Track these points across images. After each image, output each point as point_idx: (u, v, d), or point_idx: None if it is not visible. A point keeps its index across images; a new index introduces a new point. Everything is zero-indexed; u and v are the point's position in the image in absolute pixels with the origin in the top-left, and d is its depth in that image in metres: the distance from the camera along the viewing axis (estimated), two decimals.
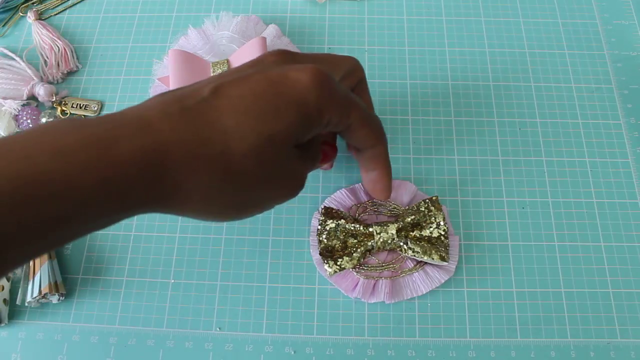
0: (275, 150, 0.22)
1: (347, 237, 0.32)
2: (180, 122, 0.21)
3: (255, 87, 0.22)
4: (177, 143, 0.20)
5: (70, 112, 0.39)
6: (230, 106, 0.21)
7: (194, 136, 0.21)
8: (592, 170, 0.36)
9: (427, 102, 0.39)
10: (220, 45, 0.39)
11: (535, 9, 0.42)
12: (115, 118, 0.20)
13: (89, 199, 0.18)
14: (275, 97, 0.22)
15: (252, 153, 0.21)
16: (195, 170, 0.21)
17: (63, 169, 0.18)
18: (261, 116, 0.22)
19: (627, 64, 0.40)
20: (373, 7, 0.43)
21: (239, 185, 0.22)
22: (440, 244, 0.32)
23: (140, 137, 0.20)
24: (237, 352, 0.31)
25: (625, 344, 0.31)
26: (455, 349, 0.31)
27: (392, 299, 0.32)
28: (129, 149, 0.19)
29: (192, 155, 0.20)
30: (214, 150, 0.21)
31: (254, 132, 0.21)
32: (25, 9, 0.43)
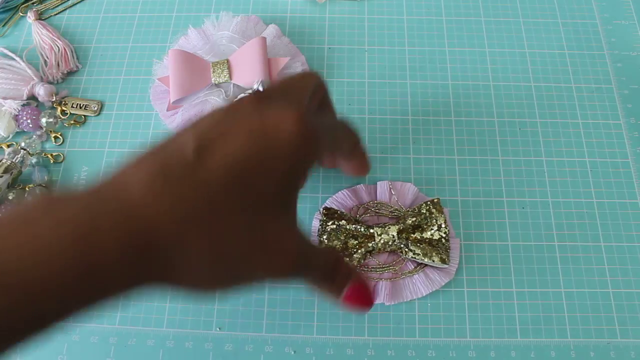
0: (266, 216, 0.21)
1: (348, 238, 0.32)
2: (166, 198, 0.19)
3: (240, 142, 0.21)
4: (164, 223, 0.19)
5: (70, 112, 0.39)
6: (215, 175, 0.20)
7: (182, 212, 0.19)
8: (592, 170, 0.36)
9: (427, 102, 0.39)
10: (220, 45, 0.39)
11: (535, 9, 0.42)
12: (93, 198, 0.19)
13: (71, 296, 0.17)
14: (263, 152, 0.21)
15: (244, 222, 0.20)
16: (189, 248, 0.19)
17: (40, 267, 0.16)
18: (248, 178, 0.20)
19: (627, 64, 0.40)
20: (373, 7, 0.43)
21: (233, 260, 0.21)
22: (441, 246, 0.32)
23: (123, 220, 0.18)
24: (237, 352, 0.31)
25: (625, 344, 0.31)
26: (455, 349, 0.31)
27: (392, 300, 0.32)
28: (113, 237, 0.18)
29: (179, 232, 0.19)
30: (204, 226, 0.20)
31: (242, 200, 0.20)
32: (25, 9, 0.43)
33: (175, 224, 0.19)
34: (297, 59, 0.39)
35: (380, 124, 0.38)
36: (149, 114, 0.39)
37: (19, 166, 0.36)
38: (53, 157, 0.37)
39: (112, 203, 0.18)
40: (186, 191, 0.19)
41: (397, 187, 0.35)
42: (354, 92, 0.39)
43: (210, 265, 0.20)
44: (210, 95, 0.37)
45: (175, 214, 0.19)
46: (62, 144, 0.38)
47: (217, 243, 0.20)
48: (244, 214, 0.20)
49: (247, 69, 0.36)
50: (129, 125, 0.38)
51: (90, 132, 0.38)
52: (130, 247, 0.18)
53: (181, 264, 0.19)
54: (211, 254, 0.20)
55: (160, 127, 0.38)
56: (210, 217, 0.20)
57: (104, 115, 0.39)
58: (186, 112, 0.37)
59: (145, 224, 0.18)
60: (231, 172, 0.20)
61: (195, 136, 0.21)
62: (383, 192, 0.34)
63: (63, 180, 0.37)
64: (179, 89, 0.36)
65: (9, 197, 0.35)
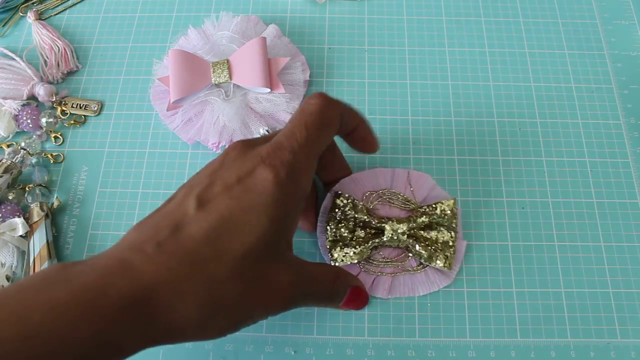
0: (254, 265, 0.23)
1: (357, 228, 0.32)
2: (160, 260, 0.21)
3: (220, 207, 0.23)
4: (161, 281, 0.21)
5: (70, 112, 0.39)
6: (201, 234, 0.22)
7: (176, 271, 0.21)
8: (592, 170, 0.36)
9: (427, 102, 0.39)
10: (220, 45, 0.39)
11: (535, 9, 0.42)
12: (99, 264, 0.21)
13: (84, 351, 0.19)
14: (242, 211, 0.23)
15: (234, 277, 0.22)
16: (186, 305, 0.21)
17: (56, 325, 0.19)
18: (232, 236, 0.22)
19: (627, 64, 0.40)
20: (373, 7, 0.43)
21: (231, 308, 0.23)
22: (447, 249, 0.32)
23: (126, 284, 0.20)
24: (237, 352, 0.31)
25: (625, 344, 0.31)
26: (455, 349, 0.31)
27: (390, 295, 0.32)
28: (118, 297, 0.20)
29: (177, 290, 0.21)
30: (198, 282, 0.22)
31: (229, 256, 0.22)
32: (25, 9, 0.43)
33: (172, 284, 0.21)
34: (297, 59, 0.39)
35: (380, 124, 0.38)
36: (149, 114, 0.39)
37: (19, 166, 0.36)
38: (53, 157, 0.37)
39: (117, 269, 0.21)
40: (176, 254, 0.22)
41: (414, 177, 0.34)
42: (354, 92, 0.39)
43: (209, 316, 0.22)
44: (210, 95, 0.37)
45: (171, 277, 0.21)
46: (62, 144, 0.38)
47: (214, 296, 0.22)
48: (232, 264, 0.22)
49: (247, 69, 0.36)
50: (129, 125, 0.38)
51: (90, 132, 0.38)
52: (135, 309, 0.20)
53: (181, 319, 0.21)
54: (206, 305, 0.22)
55: (160, 127, 0.38)
56: (203, 273, 0.22)
57: (104, 115, 0.39)
58: (186, 112, 0.37)
59: (147, 288, 0.21)
60: (214, 232, 0.22)
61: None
62: (400, 181, 0.34)
63: (63, 180, 0.37)
64: (179, 89, 0.36)
65: (9, 197, 0.35)
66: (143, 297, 0.20)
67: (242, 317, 0.24)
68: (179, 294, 0.21)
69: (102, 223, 0.35)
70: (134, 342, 0.21)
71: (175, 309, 0.21)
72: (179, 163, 0.37)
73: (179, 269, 0.21)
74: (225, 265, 0.22)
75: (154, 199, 0.36)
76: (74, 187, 0.36)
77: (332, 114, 0.27)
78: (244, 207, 0.23)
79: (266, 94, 0.37)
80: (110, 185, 0.36)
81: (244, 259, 0.22)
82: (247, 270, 0.23)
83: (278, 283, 0.24)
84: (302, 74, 0.38)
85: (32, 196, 0.35)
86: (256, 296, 0.23)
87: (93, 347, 0.19)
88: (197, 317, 0.22)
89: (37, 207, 0.34)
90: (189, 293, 0.21)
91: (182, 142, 0.37)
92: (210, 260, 0.22)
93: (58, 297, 0.19)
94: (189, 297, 0.21)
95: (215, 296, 0.22)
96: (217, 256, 0.22)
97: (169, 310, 0.21)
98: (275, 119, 0.37)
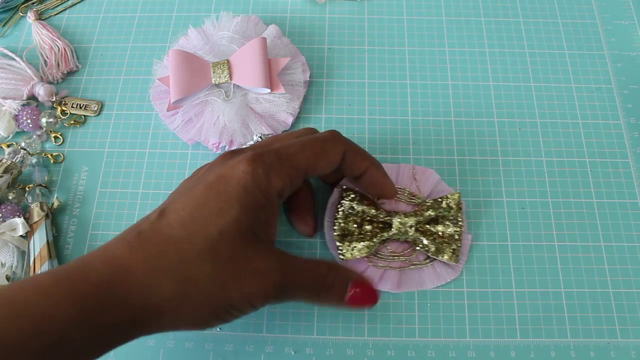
0: (229, 246, 0.24)
1: (364, 222, 0.32)
2: (138, 245, 0.23)
3: (197, 196, 0.24)
4: (136, 262, 0.23)
5: (70, 112, 0.39)
6: (177, 219, 0.24)
7: (151, 252, 0.23)
8: (592, 170, 0.36)
9: (427, 102, 0.39)
10: (220, 45, 0.39)
11: (535, 9, 0.42)
12: (86, 256, 0.23)
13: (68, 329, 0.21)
14: (216, 198, 0.24)
15: (206, 255, 0.23)
16: (159, 281, 0.23)
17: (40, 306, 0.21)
18: (206, 220, 0.23)
19: (627, 64, 0.40)
20: (373, 7, 0.43)
21: (204, 286, 0.23)
22: (453, 242, 0.32)
23: (105, 268, 0.22)
24: (237, 352, 0.31)
25: (625, 344, 0.31)
26: (455, 349, 0.31)
27: (398, 289, 0.32)
28: (97, 278, 0.22)
29: (151, 269, 0.22)
30: (171, 260, 0.23)
31: (202, 236, 0.23)
32: (25, 9, 0.43)
33: (145, 262, 0.23)
34: (297, 59, 0.39)
35: (380, 124, 0.38)
36: (149, 114, 0.39)
37: (19, 166, 0.36)
38: (53, 157, 0.37)
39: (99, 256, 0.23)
40: (154, 237, 0.23)
41: (419, 172, 0.34)
42: (354, 92, 0.39)
43: (183, 294, 0.23)
44: (210, 95, 0.37)
45: (145, 255, 0.23)
46: (62, 144, 0.38)
47: (187, 275, 0.23)
48: (205, 243, 0.23)
49: (248, 69, 0.36)
50: (129, 125, 0.38)
51: (90, 132, 0.38)
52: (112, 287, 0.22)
53: (161, 300, 0.23)
54: (178, 281, 0.23)
55: (160, 127, 0.38)
56: (176, 253, 0.23)
57: (104, 115, 0.39)
58: (186, 112, 0.37)
59: (123, 268, 0.22)
60: (189, 216, 0.24)
61: (166, 202, 0.26)
62: (406, 176, 0.34)
63: (63, 180, 0.37)
64: (179, 89, 0.36)
65: (9, 197, 0.35)
66: (119, 278, 0.22)
67: (219, 300, 0.24)
68: (152, 271, 0.22)
69: (102, 223, 0.35)
70: (114, 320, 0.22)
71: (149, 285, 0.22)
72: (179, 163, 0.37)
73: (153, 250, 0.23)
74: (198, 244, 0.23)
75: (154, 199, 0.36)
76: (74, 187, 0.36)
77: (334, 147, 0.28)
78: (218, 195, 0.24)
79: (266, 95, 0.37)
80: (110, 185, 0.36)
81: (217, 239, 0.23)
82: (221, 250, 0.23)
83: (255, 267, 0.24)
84: (302, 74, 0.38)
85: (32, 196, 0.35)
86: (230, 276, 0.23)
87: (75, 324, 0.21)
88: (170, 293, 0.23)
89: (37, 207, 0.34)
90: (161, 270, 0.23)
91: (182, 143, 0.37)
92: (184, 240, 0.23)
93: (41, 280, 0.22)
94: (161, 273, 0.22)
95: (187, 273, 0.23)
96: (190, 237, 0.23)
97: (143, 287, 0.22)
98: (275, 119, 0.37)
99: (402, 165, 0.34)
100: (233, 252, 0.24)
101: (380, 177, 0.30)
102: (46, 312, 0.20)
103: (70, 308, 0.21)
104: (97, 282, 0.22)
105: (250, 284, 0.24)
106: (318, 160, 0.27)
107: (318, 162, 0.27)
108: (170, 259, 0.23)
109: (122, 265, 0.22)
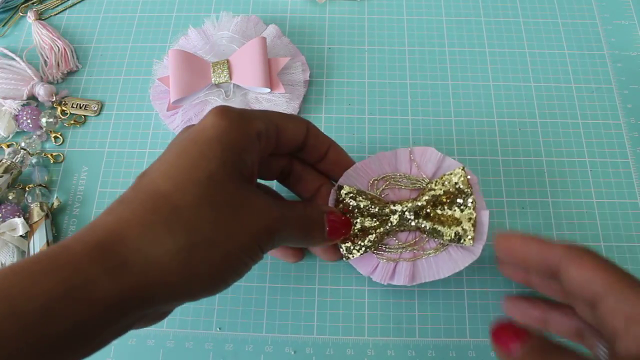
0: (221, 187, 0.22)
1: (364, 218, 0.30)
2: (123, 209, 0.21)
3: (173, 150, 0.23)
4: (127, 223, 0.21)
5: (70, 112, 0.39)
6: (159, 174, 0.22)
7: (140, 211, 0.21)
8: (592, 170, 0.36)
9: (427, 102, 0.39)
10: (220, 45, 0.39)
11: (535, 9, 0.42)
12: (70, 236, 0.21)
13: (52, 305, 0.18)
14: (195, 145, 0.23)
15: (200, 201, 0.22)
16: (158, 236, 0.21)
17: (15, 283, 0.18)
18: (191, 166, 0.22)
19: (627, 64, 0.40)
20: (373, 7, 0.43)
21: (211, 235, 0.22)
22: (465, 222, 0.29)
23: (91, 235, 0.20)
24: (237, 352, 0.31)
25: None
26: (455, 349, 0.31)
27: (413, 281, 0.29)
28: (83, 247, 0.20)
29: (145, 225, 0.21)
30: (165, 212, 0.21)
31: (190, 183, 0.22)
32: (25, 9, 0.43)
33: (139, 217, 0.21)
34: (297, 59, 0.39)
35: (380, 124, 0.38)
36: (149, 114, 0.39)
37: (19, 166, 0.36)
38: (53, 157, 0.37)
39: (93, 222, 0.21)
40: (141, 194, 0.22)
41: (417, 154, 0.32)
42: (354, 92, 0.39)
43: (188, 245, 0.21)
44: (210, 95, 0.37)
45: (138, 211, 0.21)
46: (62, 144, 0.38)
47: (186, 225, 0.21)
48: (197, 191, 0.22)
49: (247, 69, 0.36)
50: (129, 125, 0.38)
51: (90, 132, 0.38)
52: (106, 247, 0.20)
53: (157, 253, 0.20)
54: (179, 232, 0.21)
55: (160, 127, 0.38)
56: (168, 205, 0.21)
57: (104, 115, 0.39)
58: (186, 112, 0.37)
59: (116, 225, 0.21)
60: (172, 168, 0.22)
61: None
62: (403, 161, 0.32)
63: (63, 180, 0.37)
64: (179, 89, 0.36)
65: (9, 197, 0.35)
66: (108, 240, 0.20)
67: (228, 246, 0.22)
68: (147, 227, 0.20)
69: None
70: (108, 292, 0.19)
71: (147, 243, 0.20)
72: None
73: (142, 208, 0.21)
74: (188, 192, 0.22)
75: None
76: (74, 187, 0.36)
77: (298, 117, 0.28)
78: (196, 142, 0.23)
79: (266, 94, 0.37)
80: (110, 185, 0.36)
81: (207, 183, 0.22)
82: (214, 194, 0.22)
83: (253, 204, 0.23)
84: (302, 74, 0.38)
85: (32, 196, 0.35)
86: (232, 218, 0.22)
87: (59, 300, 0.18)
88: (173, 246, 0.21)
89: (37, 207, 0.34)
90: (157, 223, 0.21)
91: None
92: (173, 192, 0.21)
93: (21, 262, 0.19)
94: (158, 227, 0.21)
95: (186, 222, 0.21)
96: (179, 187, 0.22)
97: (140, 246, 0.20)
98: None
99: (399, 151, 0.32)
100: (227, 194, 0.22)
101: (343, 154, 0.30)
102: (26, 290, 0.18)
103: (52, 283, 0.18)
104: (83, 252, 0.19)
105: (253, 222, 0.23)
106: (287, 121, 0.27)
107: (287, 122, 0.27)
108: (164, 212, 0.21)
109: (110, 229, 0.20)
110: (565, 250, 0.23)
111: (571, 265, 0.23)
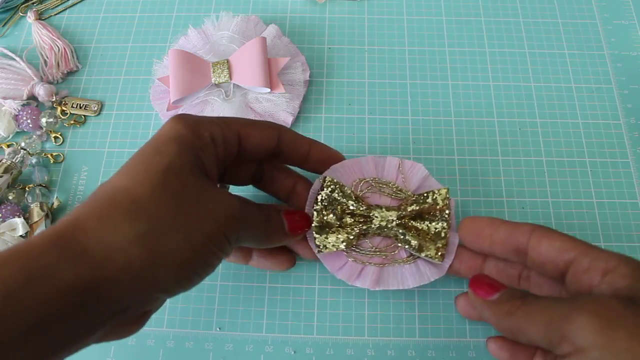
0: (180, 178, 0.23)
1: (345, 214, 0.31)
2: (82, 205, 0.22)
3: (134, 154, 0.24)
4: (85, 215, 0.21)
5: (70, 112, 0.39)
6: (117, 174, 0.23)
7: (99, 203, 0.22)
8: (592, 170, 0.36)
9: (427, 102, 0.39)
10: (220, 45, 0.39)
11: (535, 9, 0.42)
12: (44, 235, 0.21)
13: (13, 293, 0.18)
14: (151, 145, 0.24)
15: (159, 190, 0.22)
16: (118, 224, 0.21)
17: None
18: (148, 162, 0.23)
19: (627, 64, 0.40)
20: (373, 7, 0.43)
21: (173, 221, 0.22)
22: (438, 240, 0.30)
23: (51, 229, 0.21)
24: (237, 352, 0.31)
25: None
26: (455, 349, 0.31)
27: (377, 286, 0.30)
28: (42, 239, 0.20)
29: (105, 216, 0.21)
30: (124, 203, 0.21)
31: (148, 176, 0.22)
32: (25, 9, 0.43)
33: (96, 210, 0.21)
34: (297, 59, 0.39)
35: (380, 124, 0.38)
36: (149, 114, 0.39)
37: (19, 166, 0.36)
38: (53, 157, 0.37)
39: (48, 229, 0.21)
40: (100, 190, 0.22)
41: (406, 167, 0.32)
42: (354, 92, 0.39)
43: (148, 233, 0.21)
44: (210, 95, 0.37)
45: (95, 204, 0.22)
46: (62, 144, 0.38)
47: (145, 214, 0.21)
48: (153, 180, 0.22)
49: (247, 69, 0.36)
50: (129, 125, 0.38)
51: (90, 132, 0.38)
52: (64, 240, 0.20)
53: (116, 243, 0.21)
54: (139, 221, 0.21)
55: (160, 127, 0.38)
56: (126, 195, 0.22)
57: (104, 115, 0.39)
58: (186, 112, 0.37)
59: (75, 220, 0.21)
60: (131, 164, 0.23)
61: None
62: (391, 169, 0.32)
63: (63, 180, 0.37)
64: (179, 89, 0.36)
65: (9, 197, 0.35)
66: (67, 230, 0.20)
67: (192, 229, 0.22)
68: (106, 217, 0.21)
69: None
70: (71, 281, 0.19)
71: (107, 233, 0.21)
72: None
73: (100, 203, 0.22)
74: (147, 183, 0.22)
75: None
76: (74, 187, 0.36)
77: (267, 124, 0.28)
78: (153, 143, 0.24)
79: (266, 94, 0.37)
80: None
81: (167, 174, 0.22)
82: (174, 185, 0.22)
83: (215, 195, 0.24)
84: (302, 74, 0.38)
85: (32, 196, 0.35)
86: (196, 208, 0.23)
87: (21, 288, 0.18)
88: (133, 233, 0.21)
89: (37, 207, 0.34)
90: (116, 213, 0.21)
91: None
92: (132, 186, 0.22)
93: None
94: (118, 215, 0.21)
95: (146, 210, 0.21)
96: (137, 181, 0.22)
97: (100, 236, 0.20)
98: (275, 118, 0.37)
99: (389, 158, 0.33)
100: (187, 185, 0.23)
101: (327, 151, 0.30)
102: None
103: (11, 271, 0.19)
104: (42, 242, 0.20)
105: (217, 210, 0.23)
106: (251, 128, 0.27)
107: (251, 130, 0.27)
108: (123, 203, 0.21)
109: (70, 222, 0.21)
110: (535, 227, 0.26)
111: (543, 239, 0.25)
